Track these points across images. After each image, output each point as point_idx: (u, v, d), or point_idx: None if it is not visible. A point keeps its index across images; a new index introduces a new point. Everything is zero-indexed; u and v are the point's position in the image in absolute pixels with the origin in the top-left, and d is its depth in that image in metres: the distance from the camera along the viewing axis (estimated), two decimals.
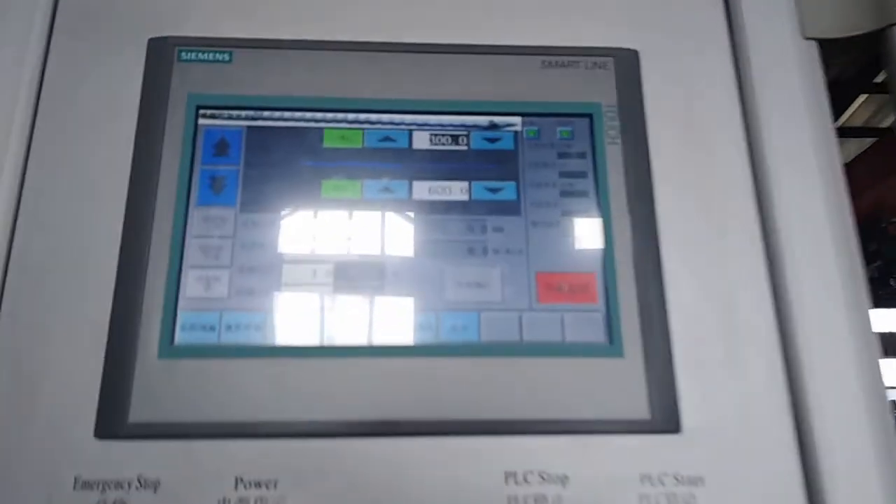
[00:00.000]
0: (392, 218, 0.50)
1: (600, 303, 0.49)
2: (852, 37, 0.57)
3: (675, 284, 0.50)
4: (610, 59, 0.55)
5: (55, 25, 0.52)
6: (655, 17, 0.57)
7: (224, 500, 0.43)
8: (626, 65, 0.55)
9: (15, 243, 0.47)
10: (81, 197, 0.49)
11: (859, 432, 0.46)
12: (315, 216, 0.49)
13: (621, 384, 0.47)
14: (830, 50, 0.57)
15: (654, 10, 0.57)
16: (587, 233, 0.50)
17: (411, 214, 0.50)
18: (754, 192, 0.53)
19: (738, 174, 0.53)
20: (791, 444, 0.47)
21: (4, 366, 0.45)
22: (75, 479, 0.43)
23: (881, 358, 0.49)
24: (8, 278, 0.47)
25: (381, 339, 0.47)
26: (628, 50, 0.55)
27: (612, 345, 0.47)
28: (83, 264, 0.47)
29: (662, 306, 0.49)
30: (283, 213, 0.49)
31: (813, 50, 0.57)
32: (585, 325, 0.48)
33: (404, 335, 0.47)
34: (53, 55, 0.52)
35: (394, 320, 0.47)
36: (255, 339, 0.46)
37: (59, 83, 0.51)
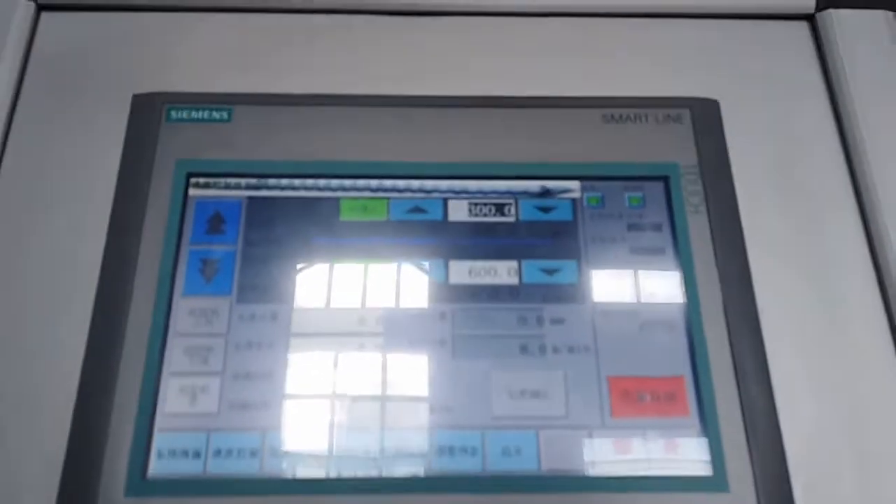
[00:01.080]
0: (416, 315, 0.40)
1: (692, 416, 0.38)
2: None
3: (785, 387, 0.39)
4: (686, 111, 0.45)
5: (25, 78, 0.44)
6: (736, 61, 0.48)
7: None
8: (706, 117, 0.45)
9: None
10: (44, 284, 0.40)
11: None
12: (328, 308, 0.39)
13: None
14: None
15: (733, 54, 0.48)
16: (671, 324, 0.40)
17: (448, 305, 0.40)
18: (872, 261, 0.42)
19: (850, 239, 0.43)
20: None
21: None
22: None
23: None
24: None
25: (406, 469, 0.36)
26: (707, 100, 0.46)
27: (714, 475, 0.36)
28: (39, 372, 0.38)
29: (775, 419, 0.38)
30: (289, 305, 0.39)
31: None
32: (676, 448, 0.37)
33: (440, 463, 0.36)
34: (21, 111, 0.43)
35: (425, 443, 0.37)
36: (250, 469, 0.36)
37: (25, 143, 0.43)
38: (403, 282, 0.40)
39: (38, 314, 0.39)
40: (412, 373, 0.38)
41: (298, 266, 0.40)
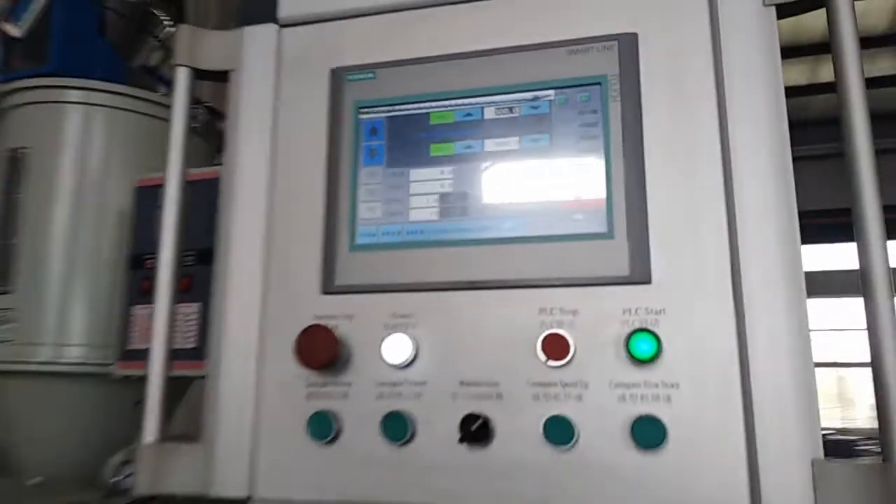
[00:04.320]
0: (470, 164, 0.82)
1: (602, 207, 0.77)
2: None
3: (654, 196, 0.76)
4: (615, 42, 0.81)
5: (281, 71, 0.91)
6: (650, 3, 0.81)
7: (386, 325, 0.80)
8: (628, 45, 0.81)
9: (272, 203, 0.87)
10: (307, 174, 0.87)
11: (776, 292, 0.71)
12: (427, 167, 0.83)
13: (613, 254, 0.75)
14: (786, 11, 0.77)
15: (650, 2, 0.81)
16: (598, 160, 0.78)
17: (483, 163, 0.82)
18: (720, 138, 0.76)
19: (708, 124, 0.77)
20: (728, 293, 0.72)
21: (279, 263, 0.85)
22: (313, 315, 0.82)
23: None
24: (270, 216, 0.87)
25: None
26: (629, 34, 0.81)
27: (608, 231, 0.76)
28: (309, 214, 0.86)
29: (644, 210, 0.76)
30: (409, 167, 0.84)
31: (772, 14, 0.77)
32: (593, 221, 0.77)
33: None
34: (284, 85, 0.90)
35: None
36: (397, 237, 0.82)
37: (286, 100, 0.90)
38: (462, 153, 0.83)
39: (297, 190, 0.87)
40: (466, 195, 0.81)
41: (412, 148, 0.84)
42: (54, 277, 1.62)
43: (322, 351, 0.78)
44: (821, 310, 6.95)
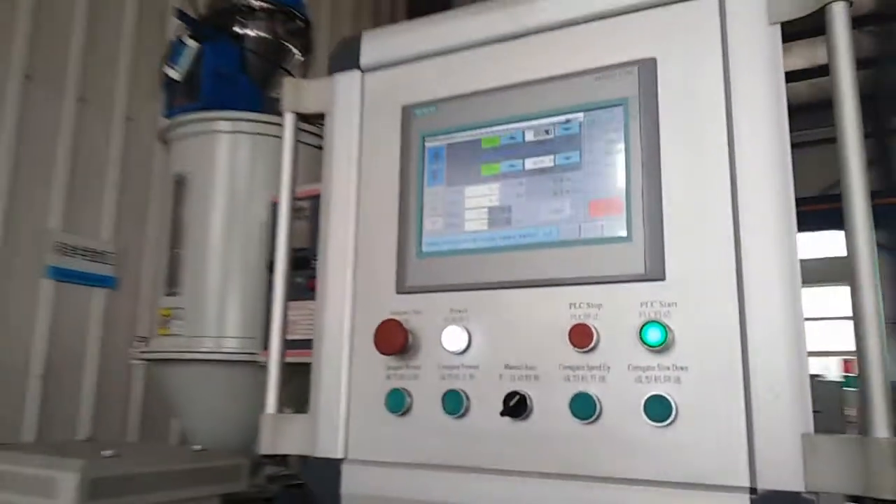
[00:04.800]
0: (513, 181, 0.97)
1: (623, 213, 0.89)
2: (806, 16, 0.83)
3: (668, 203, 0.87)
4: (635, 66, 0.92)
5: (364, 109, 1.10)
6: (668, 31, 0.91)
7: (445, 318, 0.96)
8: (647, 69, 0.91)
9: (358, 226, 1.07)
10: (385, 194, 1.06)
11: (773, 286, 0.79)
12: (478, 185, 0.99)
13: (631, 256, 0.87)
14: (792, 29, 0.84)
15: (667, 26, 0.91)
16: (620, 173, 0.90)
17: (524, 179, 0.96)
18: (728, 151, 0.85)
19: (717, 137, 0.86)
20: (732, 288, 0.82)
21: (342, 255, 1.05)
22: (390, 311, 1.01)
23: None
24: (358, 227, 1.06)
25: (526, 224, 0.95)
26: (649, 59, 0.92)
27: (627, 236, 0.88)
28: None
29: (659, 216, 0.87)
30: (465, 185, 1.00)
31: (777, 32, 0.85)
32: (615, 227, 0.89)
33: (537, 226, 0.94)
34: (366, 120, 1.10)
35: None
36: (454, 245, 0.98)
37: (369, 135, 1.09)
38: (508, 171, 0.97)
39: (378, 208, 1.05)
40: (508, 209, 0.96)
41: (467, 169, 1.00)
42: (213, 281, 1.94)
43: (395, 340, 0.96)
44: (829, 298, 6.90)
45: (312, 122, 1.17)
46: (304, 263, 1.54)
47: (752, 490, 0.76)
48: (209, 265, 1.96)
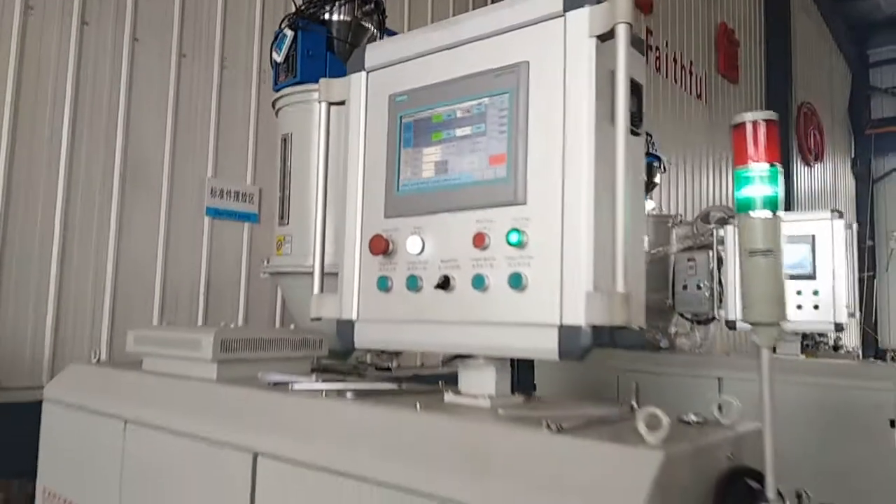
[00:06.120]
0: (449, 144, 1.52)
1: (506, 164, 1.41)
2: (608, 31, 1.29)
3: (532, 158, 1.38)
4: (517, 67, 1.42)
5: (367, 98, 1.68)
6: (537, 41, 1.40)
7: (410, 233, 1.55)
8: (524, 69, 1.41)
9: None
10: (379, 152, 1.64)
11: (582, 210, 1.30)
12: (430, 146, 1.54)
13: (509, 190, 1.40)
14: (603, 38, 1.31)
15: (536, 38, 1.40)
16: (506, 138, 1.42)
17: (455, 143, 1.51)
18: (563, 123, 1.35)
19: (561, 112, 1.35)
20: (559, 210, 1.33)
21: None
22: (381, 229, 1.61)
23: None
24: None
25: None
26: (524, 62, 1.41)
27: (507, 177, 1.41)
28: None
29: (525, 165, 1.39)
30: (422, 147, 1.56)
31: (594, 42, 1.32)
32: (501, 172, 1.42)
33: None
34: (369, 105, 1.68)
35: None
36: (416, 186, 1.55)
37: (371, 114, 1.67)
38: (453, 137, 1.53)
39: (375, 162, 1.64)
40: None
41: (425, 135, 1.56)
42: (311, 215, 2.63)
43: (381, 247, 1.56)
44: None
45: (338, 105, 1.77)
46: None
47: (561, 327, 1.30)
48: (309, 203, 2.65)
